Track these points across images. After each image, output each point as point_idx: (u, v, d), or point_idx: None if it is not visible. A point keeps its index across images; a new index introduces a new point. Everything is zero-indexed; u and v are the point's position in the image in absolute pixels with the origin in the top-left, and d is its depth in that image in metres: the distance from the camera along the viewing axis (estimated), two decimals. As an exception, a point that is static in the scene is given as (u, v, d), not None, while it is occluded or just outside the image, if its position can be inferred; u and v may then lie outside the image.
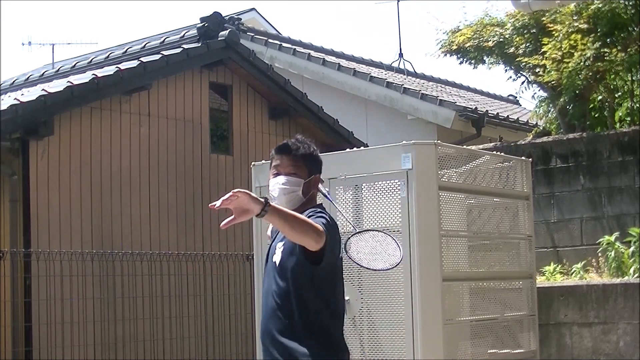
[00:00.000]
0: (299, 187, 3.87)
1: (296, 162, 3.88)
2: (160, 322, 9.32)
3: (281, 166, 3.89)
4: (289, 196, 3.85)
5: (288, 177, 3.86)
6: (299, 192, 3.87)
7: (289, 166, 3.88)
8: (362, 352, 6.19)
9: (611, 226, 9.50)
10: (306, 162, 3.91)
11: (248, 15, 16.94)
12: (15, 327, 8.38)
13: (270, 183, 3.90)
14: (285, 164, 3.89)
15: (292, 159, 3.89)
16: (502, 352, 6.74)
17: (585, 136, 10.04)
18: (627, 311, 7.74)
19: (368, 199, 6.33)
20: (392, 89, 13.56)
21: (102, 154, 9.32)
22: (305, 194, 3.90)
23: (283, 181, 3.86)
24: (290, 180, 3.86)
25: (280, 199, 3.84)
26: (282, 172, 3.88)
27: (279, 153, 3.92)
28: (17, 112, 8.46)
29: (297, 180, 3.87)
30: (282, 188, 3.85)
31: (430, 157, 6.19)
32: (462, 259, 6.59)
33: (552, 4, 9.48)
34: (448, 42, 12.22)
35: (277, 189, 3.86)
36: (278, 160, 3.91)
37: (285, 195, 3.85)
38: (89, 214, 9.09)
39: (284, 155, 3.90)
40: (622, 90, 10.97)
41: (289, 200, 3.85)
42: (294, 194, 3.86)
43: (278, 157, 3.91)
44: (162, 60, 9.82)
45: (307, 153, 3.92)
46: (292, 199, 3.86)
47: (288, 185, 3.85)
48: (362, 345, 6.19)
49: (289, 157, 3.89)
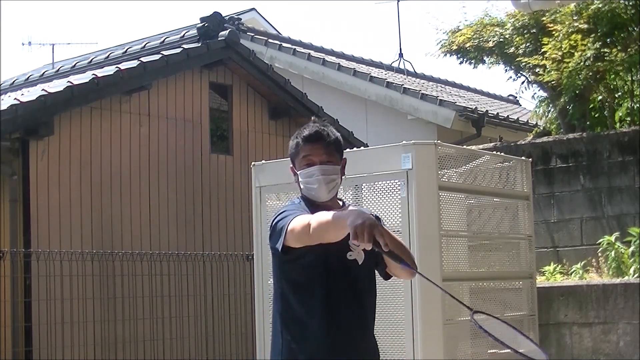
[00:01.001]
0: (338, 175, 3.64)
1: (329, 149, 3.62)
2: (160, 322, 9.32)
3: (314, 155, 3.58)
4: (329, 185, 3.60)
5: (325, 167, 3.59)
6: (338, 179, 3.64)
7: (324, 154, 3.59)
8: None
9: (611, 226, 9.50)
10: (337, 148, 3.67)
11: (248, 15, 16.94)
12: (15, 327, 8.39)
13: (304, 173, 3.60)
14: (319, 152, 3.59)
15: (325, 146, 3.61)
16: (502, 352, 6.73)
17: (585, 136, 10.04)
18: (627, 311, 7.74)
19: (368, 199, 6.33)
20: (392, 89, 13.56)
21: (102, 154, 9.32)
22: (341, 179, 3.69)
23: (322, 172, 3.57)
24: (328, 169, 3.59)
25: (321, 189, 3.58)
26: (317, 161, 3.58)
27: (310, 142, 3.60)
28: (17, 112, 8.46)
29: (334, 168, 3.62)
30: (322, 178, 3.56)
31: (430, 157, 6.19)
32: (462, 259, 6.58)
33: (552, 4, 9.48)
34: (448, 42, 12.22)
35: (315, 180, 3.57)
36: (309, 149, 3.59)
37: (327, 184, 3.58)
38: (89, 214, 9.09)
39: (316, 143, 3.60)
40: (622, 90, 10.96)
41: (330, 189, 3.61)
42: (334, 182, 3.61)
43: (309, 147, 3.60)
44: (162, 60, 9.82)
45: (336, 139, 3.67)
46: (332, 188, 3.61)
47: (327, 174, 3.58)
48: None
49: (321, 144, 3.60)
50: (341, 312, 3.54)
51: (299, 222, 3.36)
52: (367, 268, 3.63)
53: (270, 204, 6.65)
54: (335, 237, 3.28)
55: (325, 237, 3.31)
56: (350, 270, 3.55)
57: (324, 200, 3.61)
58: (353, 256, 3.55)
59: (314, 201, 3.63)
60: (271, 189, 6.67)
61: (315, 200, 3.62)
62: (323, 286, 3.53)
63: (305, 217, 3.37)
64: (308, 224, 3.30)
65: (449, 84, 17.69)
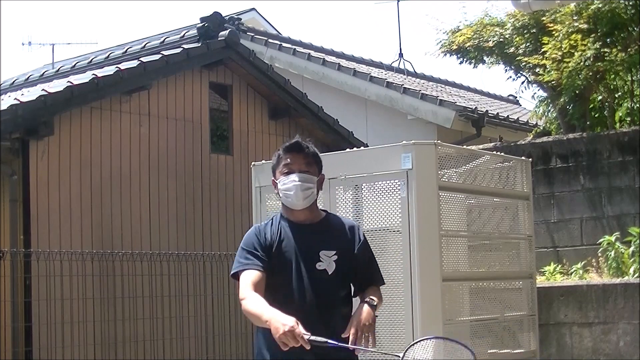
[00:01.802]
0: (314, 184, 3.88)
1: (308, 160, 3.88)
2: (160, 322, 9.32)
3: (294, 164, 3.86)
4: (305, 192, 3.84)
5: (303, 174, 3.85)
6: (314, 189, 3.88)
7: (303, 164, 3.86)
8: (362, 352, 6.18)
9: (611, 226, 9.50)
10: (315, 160, 3.93)
11: (248, 15, 16.94)
12: (15, 327, 8.38)
13: (282, 181, 3.87)
14: (298, 162, 3.86)
15: (304, 156, 3.88)
16: (502, 352, 6.73)
17: (585, 136, 10.04)
18: (627, 311, 7.74)
19: (368, 199, 6.33)
20: (392, 89, 13.56)
21: (102, 154, 9.32)
22: (317, 192, 3.92)
23: (298, 178, 3.83)
24: (305, 177, 3.84)
25: (297, 195, 3.83)
26: (296, 169, 3.85)
27: (290, 152, 3.88)
28: (17, 112, 8.46)
29: (311, 177, 3.86)
30: (299, 185, 3.82)
31: (430, 157, 6.19)
32: (462, 259, 6.59)
33: (552, 4, 9.47)
34: (448, 42, 12.22)
35: (292, 187, 3.82)
36: (289, 158, 3.87)
37: (302, 191, 3.83)
38: (89, 214, 9.09)
39: (296, 153, 3.88)
40: (622, 90, 10.97)
41: (306, 197, 3.85)
42: (310, 190, 3.85)
43: (289, 156, 3.87)
44: (162, 60, 9.82)
45: (315, 152, 3.94)
46: (308, 196, 3.85)
47: (304, 182, 3.83)
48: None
49: (301, 155, 3.88)
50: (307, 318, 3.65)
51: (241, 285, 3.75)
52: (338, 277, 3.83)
53: (270, 204, 6.66)
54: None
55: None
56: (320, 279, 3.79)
57: (299, 208, 3.85)
58: (322, 266, 3.80)
59: (291, 213, 3.88)
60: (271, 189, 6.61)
61: (292, 207, 3.86)
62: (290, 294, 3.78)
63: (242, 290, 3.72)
64: (242, 298, 3.71)
65: (449, 84, 17.68)
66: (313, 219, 3.91)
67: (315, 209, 3.94)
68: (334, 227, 3.93)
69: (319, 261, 3.80)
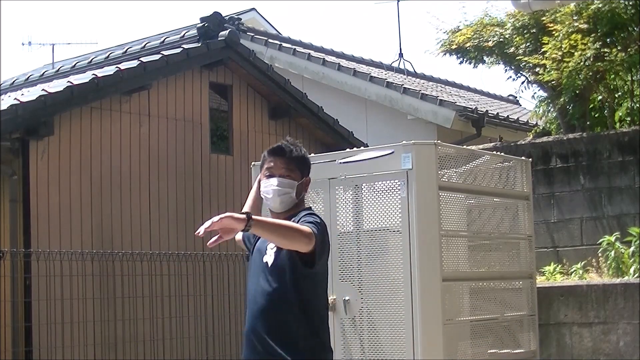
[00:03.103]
0: (293, 189, 3.94)
1: (289, 165, 3.95)
2: (160, 322, 9.32)
3: (275, 168, 3.94)
4: (282, 197, 3.92)
5: (282, 179, 3.92)
6: (293, 193, 3.94)
7: (283, 168, 3.93)
8: (362, 352, 6.19)
9: (611, 226, 9.50)
10: (299, 164, 3.98)
11: (248, 15, 16.94)
12: (15, 327, 8.38)
13: (263, 184, 3.98)
14: (279, 166, 3.94)
15: (285, 161, 3.95)
16: (502, 352, 6.73)
17: (585, 136, 10.04)
18: (627, 311, 7.74)
19: (368, 199, 6.33)
20: (392, 89, 13.56)
21: (102, 154, 9.32)
22: (297, 195, 3.96)
23: (277, 183, 3.91)
24: (284, 182, 3.92)
25: (274, 200, 3.92)
26: (276, 174, 3.93)
27: (272, 155, 3.97)
28: (17, 112, 8.46)
29: (290, 182, 3.93)
30: (277, 190, 3.91)
31: (430, 157, 6.19)
32: (462, 259, 6.59)
33: (552, 4, 9.48)
34: (448, 42, 12.22)
35: (270, 190, 3.92)
36: (271, 162, 3.96)
37: (279, 196, 3.91)
38: (89, 214, 9.09)
39: (277, 157, 3.96)
40: (622, 90, 10.97)
41: (282, 201, 3.92)
42: (288, 195, 3.92)
43: (271, 159, 3.97)
44: (162, 60, 9.82)
45: (299, 156, 3.99)
46: (285, 200, 3.92)
47: (282, 187, 3.91)
48: (362, 345, 6.19)
49: (282, 159, 3.95)
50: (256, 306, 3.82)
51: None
52: (275, 269, 3.83)
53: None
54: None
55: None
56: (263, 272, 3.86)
57: (276, 211, 3.95)
58: (266, 259, 3.87)
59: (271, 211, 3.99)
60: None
61: (270, 209, 3.99)
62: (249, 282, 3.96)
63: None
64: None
65: (449, 84, 17.68)
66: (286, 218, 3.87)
67: (292, 210, 3.94)
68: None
69: (265, 254, 3.88)
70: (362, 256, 6.26)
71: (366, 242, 6.30)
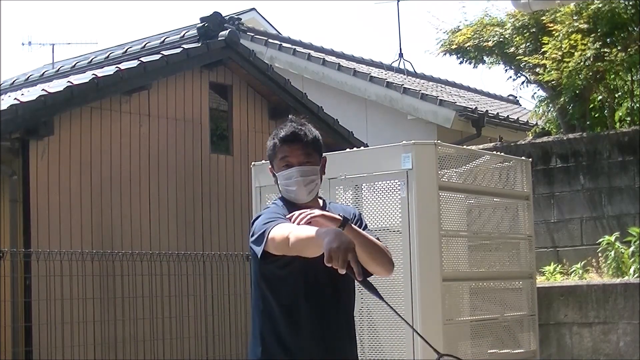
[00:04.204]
0: (317, 175, 3.57)
1: (307, 150, 3.55)
2: (160, 322, 9.32)
3: (293, 157, 3.53)
4: (309, 186, 3.54)
5: (304, 168, 3.53)
6: (318, 179, 3.58)
7: (302, 155, 3.54)
8: (362, 352, 6.19)
9: (611, 226, 9.50)
10: (316, 147, 3.60)
11: (248, 15, 16.94)
12: (15, 327, 8.38)
13: (283, 175, 3.55)
14: (297, 154, 3.53)
15: (302, 146, 3.54)
16: (502, 352, 6.73)
17: (585, 136, 10.04)
18: (627, 311, 7.74)
19: (368, 199, 6.33)
20: (392, 89, 13.56)
21: (102, 154, 9.32)
22: (321, 179, 3.64)
23: (301, 173, 3.52)
24: (307, 170, 3.53)
25: (301, 191, 3.54)
26: (295, 162, 3.53)
27: (287, 143, 3.54)
28: (17, 112, 8.46)
29: (313, 169, 3.56)
30: (302, 180, 3.52)
31: (430, 157, 6.19)
32: (462, 259, 6.59)
33: (552, 4, 9.48)
34: (448, 42, 12.23)
35: (294, 182, 3.53)
36: (287, 151, 3.54)
37: (306, 186, 3.53)
38: (89, 214, 9.09)
39: (293, 144, 3.54)
40: (622, 90, 10.97)
41: (310, 190, 3.55)
42: (314, 183, 3.56)
43: (286, 148, 3.54)
44: (162, 60, 9.82)
45: (314, 137, 3.60)
46: (312, 189, 3.56)
47: (306, 176, 3.53)
48: (362, 345, 6.18)
49: (299, 145, 3.54)
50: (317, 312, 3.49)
51: (279, 233, 3.29)
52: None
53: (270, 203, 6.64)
54: (312, 254, 3.21)
55: (303, 253, 3.26)
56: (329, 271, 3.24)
57: (303, 202, 3.56)
58: None
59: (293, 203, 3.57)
60: (271, 189, 6.65)
61: (295, 202, 3.57)
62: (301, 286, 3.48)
63: (285, 228, 3.29)
64: (287, 238, 3.23)
65: (449, 84, 17.68)
66: (313, 205, 3.57)
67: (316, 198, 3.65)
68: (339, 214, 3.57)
69: None
70: (362, 256, 6.25)
71: (366, 242, 6.29)
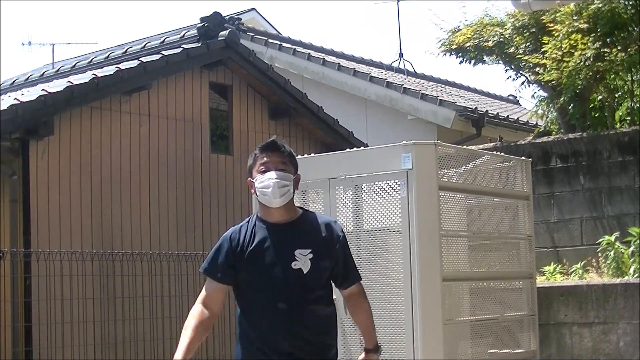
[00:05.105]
0: (291, 182, 3.92)
1: (284, 159, 3.94)
2: (160, 322, 9.31)
3: (271, 162, 3.91)
4: (283, 190, 3.87)
5: (280, 172, 3.90)
6: (291, 187, 3.92)
7: (279, 162, 3.92)
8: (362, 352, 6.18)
9: (611, 226, 9.50)
10: (291, 160, 3.98)
11: (248, 15, 16.94)
12: (15, 327, 8.38)
13: (259, 179, 3.91)
14: (275, 161, 3.92)
15: (280, 155, 3.94)
16: (502, 352, 6.73)
17: (585, 136, 10.04)
18: (627, 311, 7.74)
19: (368, 199, 6.33)
20: (392, 89, 13.56)
21: (102, 154, 9.32)
22: (294, 191, 3.96)
23: (276, 175, 3.87)
24: (282, 174, 3.89)
25: (275, 192, 3.87)
26: (273, 167, 3.90)
27: (266, 151, 3.95)
28: (17, 112, 8.45)
29: (288, 176, 3.91)
30: (277, 182, 3.86)
31: (430, 157, 6.19)
32: (462, 259, 6.59)
33: (552, 4, 9.48)
34: (448, 42, 12.22)
35: (270, 184, 3.86)
36: (266, 157, 3.93)
37: (279, 189, 3.86)
38: (89, 214, 9.08)
39: (272, 152, 3.94)
40: (622, 90, 10.97)
41: (283, 194, 3.88)
42: (287, 188, 3.89)
43: (266, 154, 3.94)
44: (162, 60, 9.82)
45: (290, 152, 4.00)
46: (285, 193, 3.88)
47: (282, 179, 3.88)
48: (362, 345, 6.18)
49: (277, 153, 3.94)
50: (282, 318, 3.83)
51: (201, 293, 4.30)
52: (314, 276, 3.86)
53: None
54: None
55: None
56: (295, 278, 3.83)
57: (276, 206, 3.90)
58: (298, 265, 3.83)
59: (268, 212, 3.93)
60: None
61: (269, 205, 3.91)
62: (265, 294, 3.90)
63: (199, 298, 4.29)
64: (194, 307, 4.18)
65: (449, 84, 17.68)
66: (289, 218, 3.93)
67: (292, 209, 3.97)
68: (309, 225, 3.94)
69: (294, 260, 3.83)
70: (362, 256, 6.26)
71: (366, 242, 6.30)
